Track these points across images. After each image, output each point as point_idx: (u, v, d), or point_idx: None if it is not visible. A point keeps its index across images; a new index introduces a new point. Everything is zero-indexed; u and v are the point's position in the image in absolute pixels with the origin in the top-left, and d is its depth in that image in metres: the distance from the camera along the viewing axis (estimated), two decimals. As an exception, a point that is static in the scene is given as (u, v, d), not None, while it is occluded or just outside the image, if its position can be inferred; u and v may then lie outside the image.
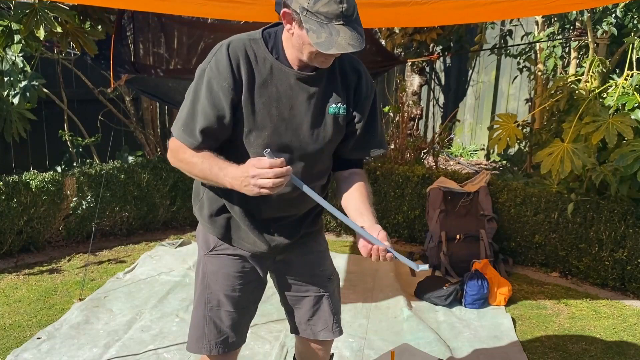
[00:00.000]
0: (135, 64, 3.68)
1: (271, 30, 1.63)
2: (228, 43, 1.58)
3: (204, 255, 1.83)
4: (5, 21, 2.92)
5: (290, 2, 1.48)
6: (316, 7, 1.43)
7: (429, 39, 5.46)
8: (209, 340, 1.80)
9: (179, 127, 1.61)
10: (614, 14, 4.08)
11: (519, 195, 4.08)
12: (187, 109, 1.60)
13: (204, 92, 1.56)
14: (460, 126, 7.63)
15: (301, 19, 1.46)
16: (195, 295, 1.87)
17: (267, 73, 1.59)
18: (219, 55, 1.56)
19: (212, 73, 1.56)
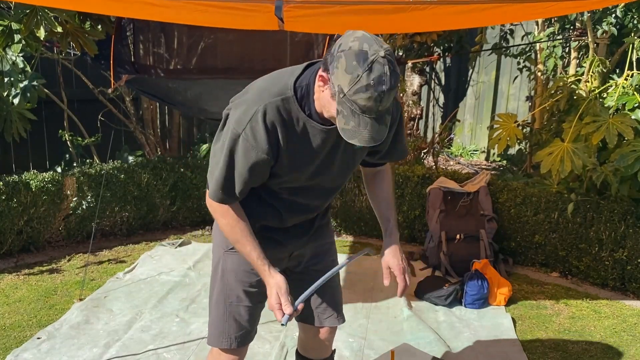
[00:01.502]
0: (135, 64, 3.68)
1: (303, 83, 1.57)
2: (263, 111, 1.53)
3: (224, 253, 1.86)
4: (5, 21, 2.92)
5: (331, 71, 1.42)
6: (355, 97, 1.39)
7: (429, 40, 5.46)
8: (229, 334, 1.87)
9: (218, 190, 1.62)
10: (614, 14, 4.08)
11: (519, 195, 4.08)
12: (223, 173, 1.59)
13: (240, 159, 1.57)
14: (460, 126, 7.63)
15: (336, 98, 1.43)
16: (213, 291, 1.91)
17: (301, 130, 1.59)
18: (255, 125, 1.53)
19: (249, 143, 1.54)
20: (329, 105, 1.48)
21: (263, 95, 1.56)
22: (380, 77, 1.37)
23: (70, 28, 3.10)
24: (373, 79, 1.37)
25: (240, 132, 1.54)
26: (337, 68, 1.40)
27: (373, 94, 1.38)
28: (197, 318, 3.20)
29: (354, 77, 1.37)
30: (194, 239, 4.61)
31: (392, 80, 1.40)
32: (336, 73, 1.41)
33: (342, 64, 1.39)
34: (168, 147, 5.68)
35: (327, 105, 1.49)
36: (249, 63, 3.84)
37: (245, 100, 1.58)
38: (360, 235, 4.69)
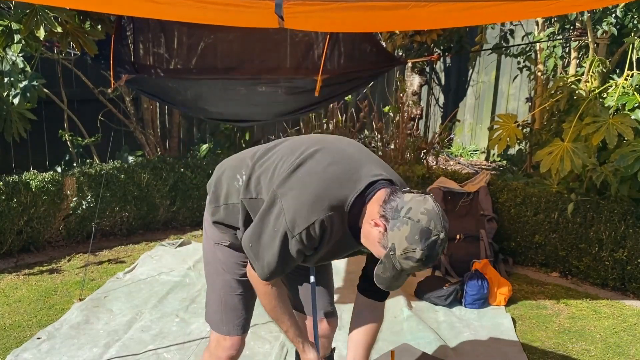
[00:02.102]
0: (135, 64, 3.68)
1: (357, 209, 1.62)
2: (320, 222, 1.59)
3: (214, 245, 1.94)
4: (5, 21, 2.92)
5: (390, 227, 1.51)
6: (403, 262, 1.50)
7: (429, 40, 5.46)
8: (227, 322, 1.96)
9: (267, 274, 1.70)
10: (614, 14, 4.08)
11: (519, 195, 4.08)
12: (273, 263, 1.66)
13: (293, 255, 1.65)
14: (460, 126, 7.63)
15: (385, 252, 1.53)
16: (208, 280, 2.00)
17: (337, 239, 1.68)
18: (311, 233, 1.60)
19: (301, 245, 1.62)
20: (372, 244, 1.59)
21: (322, 205, 1.59)
22: (430, 255, 1.50)
23: (70, 28, 3.09)
24: (426, 256, 1.49)
25: (295, 234, 1.60)
26: (398, 229, 1.49)
27: (419, 266, 1.51)
28: (197, 318, 3.20)
29: (411, 248, 1.48)
30: (194, 239, 4.60)
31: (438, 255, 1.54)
32: (395, 233, 1.50)
33: (405, 231, 1.48)
34: (168, 147, 5.68)
35: (371, 242, 1.59)
36: (249, 63, 3.84)
37: (304, 203, 1.60)
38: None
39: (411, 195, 1.55)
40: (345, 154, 1.70)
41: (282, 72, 3.81)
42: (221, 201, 1.88)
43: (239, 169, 1.85)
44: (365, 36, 3.84)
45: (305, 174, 1.64)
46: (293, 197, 1.61)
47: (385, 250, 1.53)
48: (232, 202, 1.84)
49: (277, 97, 3.79)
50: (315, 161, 1.66)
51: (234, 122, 4.54)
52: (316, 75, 3.57)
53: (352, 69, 3.76)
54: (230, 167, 1.90)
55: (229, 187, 1.85)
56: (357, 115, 6.26)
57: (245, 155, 1.90)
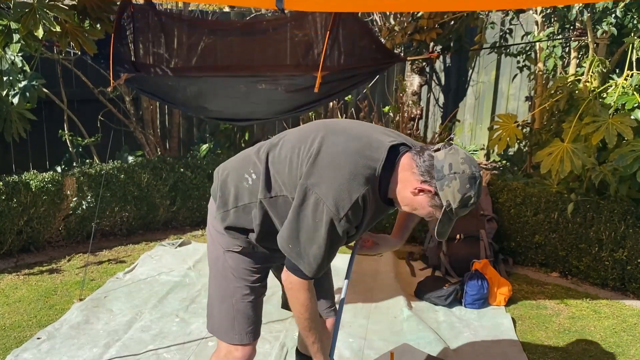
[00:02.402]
0: (135, 63, 3.68)
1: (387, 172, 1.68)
2: (363, 197, 1.63)
3: (224, 252, 1.90)
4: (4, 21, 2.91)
5: (439, 187, 1.59)
6: (459, 210, 1.62)
7: (428, 39, 5.46)
8: (239, 330, 1.92)
9: (315, 269, 1.69)
10: (614, 14, 4.07)
11: (519, 195, 4.08)
12: (321, 254, 1.66)
13: (340, 238, 1.67)
14: (460, 126, 7.63)
15: (441, 209, 1.62)
16: (214, 291, 1.95)
17: (374, 210, 1.73)
18: (356, 210, 1.64)
19: (349, 224, 1.65)
20: (419, 208, 1.67)
21: (360, 181, 1.64)
22: (478, 193, 1.62)
23: (69, 27, 3.09)
24: (477, 195, 1.61)
25: (342, 217, 1.62)
26: (448, 187, 1.59)
27: (472, 204, 1.63)
28: (197, 318, 3.20)
29: (466, 196, 1.59)
30: (194, 239, 4.60)
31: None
32: (447, 191, 1.59)
33: (456, 185, 1.58)
34: (168, 147, 5.68)
35: (414, 207, 1.67)
36: (248, 61, 3.84)
37: (342, 185, 1.62)
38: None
39: (442, 152, 1.61)
40: (352, 130, 1.75)
41: (282, 70, 3.81)
42: (230, 205, 1.84)
43: (244, 169, 1.83)
44: (364, 33, 3.84)
45: (330, 158, 1.66)
46: (328, 183, 1.63)
47: (440, 209, 1.62)
48: (243, 203, 1.82)
49: (277, 95, 3.79)
50: (331, 143, 1.69)
51: (233, 121, 4.53)
52: (316, 72, 3.57)
53: (352, 66, 3.76)
54: (233, 169, 1.88)
55: (237, 189, 1.83)
56: (357, 115, 6.25)
57: (248, 154, 1.88)
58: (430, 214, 1.66)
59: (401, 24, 5.65)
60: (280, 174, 1.75)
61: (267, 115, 4.16)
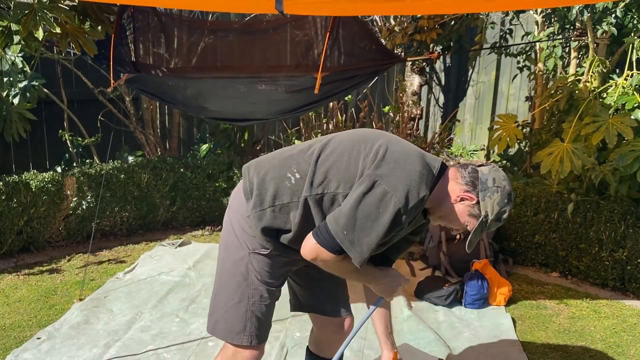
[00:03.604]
0: (135, 63, 3.68)
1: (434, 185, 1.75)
2: (424, 196, 1.69)
3: (249, 254, 1.88)
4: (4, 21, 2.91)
5: (482, 198, 1.72)
6: (492, 224, 1.76)
7: (429, 39, 5.46)
8: (250, 332, 1.90)
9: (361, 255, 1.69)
10: (614, 14, 4.07)
11: (519, 195, 4.08)
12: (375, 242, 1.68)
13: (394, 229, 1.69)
14: (460, 126, 7.62)
15: (478, 219, 1.74)
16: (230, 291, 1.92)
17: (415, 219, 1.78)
18: (417, 208, 1.69)
19: (406, 219, 1.68)
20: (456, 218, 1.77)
21: (426, 180, 1.70)
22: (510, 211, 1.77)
23: (69, 28, 3.09)
24: (508, 213, 1.77)
25: (408, 210, 1.66)
26: (490, 198, 1.72)
27: (501, 224, 1.78)
28: (197, 318, 3.20)
29: (502, 210, 1.74)
30: (194, 239, 4.60)
31: None
32: (487, 202, 1.72)
33: (497, 198, 1.73)
34: (168, 147, 5.68)
35: (452, 218, 1.78)
36: (248, 62, 3.84)
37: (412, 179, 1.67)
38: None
39: (487, 168, 1.76)
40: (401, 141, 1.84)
41: (282, 70, 3.81)
42: (267, 203, 1.80)
43: (287, 168, 1.81)
44: (364, 34, 3.84)
45: (399, 155, 1.71)
46: (399, 177, 1.67)
47: (477, 219, 1.74)
48: (281, 202, 1.79)
49: (277, 95, 3.79)
50: (397, 143, 1.76)
51: (233, 121, 4.54)
52: (316, 72, 3.57)
53: (352, 66, 3.76)
54: (274, 168, 1.84)
55: (277, 188, 1.80)
56: (357, 115, 6.25)
57: (290, 154, 1.87)
58: (465, 223, 1.76)
59: (401, 24, 5.65)
60: (334, 169, 1.75)
61: (267, 116, 4.16)
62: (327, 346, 2.19)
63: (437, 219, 1.81)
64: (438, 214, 1.79)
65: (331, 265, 1.76)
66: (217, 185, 4.96)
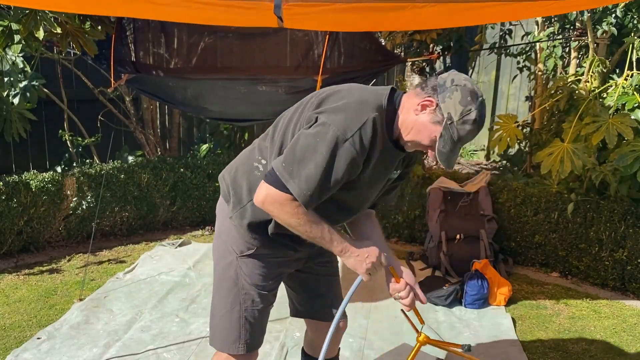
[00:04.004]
0: (135, 63, 3.68)
1: (391, 107, 1.68)
2: (373, 120, 1.60)
3: (238, 258, 1.85)
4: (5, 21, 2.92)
5: (441, 100, 1.59)
6: (461, 126, 1.59)
7: (429, 39, 5.46)
8: (245, 340, 1.87)
9: (304, 191, 1.58)
10: (614, 14, 4.07)
11: (519, 195, 4.08)
12: (316, 176, 1.57)
13: (342, 166, 1.58)
14: (460, 126, 7.62)
15: (442, 124, 1.60)
16: (222, 298, 1.88)
17: (381, 151, 1.67)
18: (365, 134, 1.59)
19: (355, 150, 1.58)
20: (422, 129, 1.63)
21: (368, 106, 1.62)
22: (481, 115, 1.60)
23: (70, 28, 3.10)
24: (479, 116, 1.60)
25: (349, 137, 1.57)
26: (450, 98, 1.58)
27: (475, 128, 1.60)
28: (197, 318, 3.20)
29: (466, 109, 1.58)
30: (194, 239, 4.60)
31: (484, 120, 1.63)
32: (448, 102, 1.58)
33: (457, 96, 1.58)
34: (168, 147, 5.68)
35: (419, 129, 1.63)
36: (249, 63, 3.84)
37: (348, 108, 1.61)
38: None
39: (446, 73, 1.64)
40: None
41: (282, 72, 3.81)
42: (245, 199, 1.80)
43: (252, 159, 1.81)
44: (364, 35, 3.84)
45: (338, 94, 1.66)
46: (336, 108, 1.61)
47: (440, 124, 1.60)
48: None
49: (277, 97, 3.79)
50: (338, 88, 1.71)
51: (233, 121, 4.54)
52: (316, 75, 3.58)
53: (352, 68, 3.77)
54: (241, 164, 1.85)
55: (249, 181, 1.79)
56: (357, 115, 6.24)
57: (251, 147, 1.87)
58: (432, 135, 1.62)
59: (401, 24, 5.65)
60: (287, 135, 1.72)
61: (267, 116, 4.16)
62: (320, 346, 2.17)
63: (410, 145, 1.68)
64: (406, 137, 1.67)
65: (284, 212, 1.63)
66: (217, 185, 4.95)
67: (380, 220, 4.57)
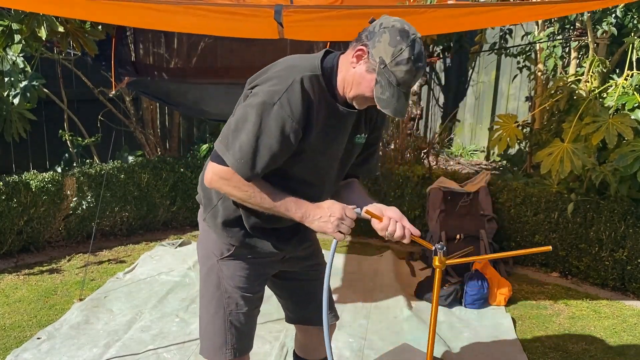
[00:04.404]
0: (135, 64, 3.68)
1: (328, 64, 1.65)
2: (301, 80, 1.57)
3: (218, 261, 1.84)
4: (5, 21, 2.92)
5: (372, 45, 1.55)
6: (395, 68, 1.53)
7: (429, 40, 5.46)
8: (232, 344, 1.84)
9: (238, 160, 1.57)
10: (614, 14, 4.07)
11: (519, 195, 4.08)
12: (247, 143, 1.56)
13: (273, 129, 1.55)
14: (460, 126, 7.63)
15: (375, 68, 1.54)
16: (207, 303, 1.88)
17: (325, 111, 1.63)
18: (292, 94, 1.55)
19: (285, 113, 1.54)
20: (361, 81, 1.57)
21: (296, 69, 1.59)
22: (419, 53, 1.53)
23: (70, 28, 3.10)
24: (413, 54, 1.52)
25: (275, 101, 1.54)
26: (379, 42, 1.53)
27: (411, 68, 1.52)
28: (197, 318, 3.19)
29: (397, 50, 1.51)
30: (194, 239, 4.60)
31: (425, 59, 1.56)
32: (378, 47, 1.53)
33: (386, 38, 1.53)
34: (168, 147, 5.68)
35: (358, 81, 1.58)
36: (249, 66, 3.84)
37: (276, 75, 1.59)
38: (360, 235, 4.69)
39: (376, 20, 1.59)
40: None
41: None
42: (214, 199, 1.81)
43: None
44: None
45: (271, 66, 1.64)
46: (265, 78, 1.60)
47: (374, 71, 1.55)
48: None
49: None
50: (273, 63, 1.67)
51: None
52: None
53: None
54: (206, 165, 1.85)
55: None
56: (357, 115, 6.24)
57: None
58: (372, 85, 1.56)
59: (401, 24, 5.64)
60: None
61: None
62: (312, 350, 2.14)
63: (356, 101, 1.63)
64: (350, 93, 1.62)
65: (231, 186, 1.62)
66: (217, 185, 4.96)
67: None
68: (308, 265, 1.99)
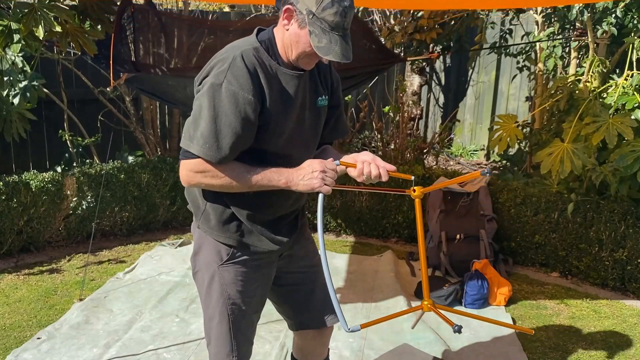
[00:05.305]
0: (135, 63, 3.68)
1: (264, 37, 1.70)
2: (240, 54, 1.61)
3: (218, 268, 1.82)
4: (4, 21, 2.92)
5: (296, 2, 1.58)
6: (323, 14, 1.55)
7: (428, 39, 5.47)
8: (238, 350, 1.84)
9: (203, 146, 1.58)
10: (614, 14, 4.07)
11: (519, 195, 4.08)
12: (207, 127, 1.57)
13: (227, 106, 1.57)
14: (460, 126, 7.63)
15: (306, 21, 1.57)
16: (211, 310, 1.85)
17: (276, 79, 1.67)
18: (236, 69, 1.59)
19: (234, 87, 1.58)
20: (297, 39, 1.61)
21: (234, 48, 1.65)
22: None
23: (69, 28, 3.09)
24: None
25: (222, 81, 1.58)
26: None
27: (338, 9, 1.55)
28: (197, 318, 3.20)
29: None
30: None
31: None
32: (302, 0, 1.56)
33: None
34: (168, 147, 5.68)
35: (295, 37, 1.61)
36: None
37: (217, 60, 1.64)
38: (360, 235, 4.69)
39: None
40: None
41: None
42: (202, 204, 1.80)
43: None
44: (364, 33, 3.84)
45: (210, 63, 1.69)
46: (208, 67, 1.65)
47: (306, 23, 1.57)
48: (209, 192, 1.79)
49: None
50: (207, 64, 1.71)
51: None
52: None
53: (352, 66, 3.76)
54: None
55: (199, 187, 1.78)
56: (357, 115, 6.26)
57: None
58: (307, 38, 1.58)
59: (401, 24, 5.65)
60: None
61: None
62: (310, 353, 2.13)
63: (302, 61, 1.66)
64: (292, 55, 1.65)
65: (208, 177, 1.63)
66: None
67: (380, 220, 4.58)
68: (305, 265, 1.99)
